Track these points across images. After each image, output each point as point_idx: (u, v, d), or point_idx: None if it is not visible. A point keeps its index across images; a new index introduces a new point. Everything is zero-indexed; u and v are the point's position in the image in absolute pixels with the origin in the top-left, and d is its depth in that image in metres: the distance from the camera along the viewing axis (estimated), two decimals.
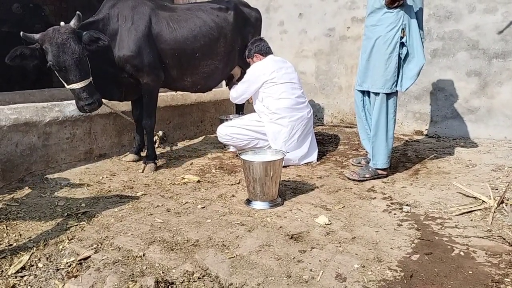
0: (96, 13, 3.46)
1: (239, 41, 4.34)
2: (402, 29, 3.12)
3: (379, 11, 3.19)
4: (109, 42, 3.24)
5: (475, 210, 2.69)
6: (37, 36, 3.00)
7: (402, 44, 3.15)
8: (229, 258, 2.10)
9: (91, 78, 3.18)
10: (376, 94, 3.30)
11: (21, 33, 2.97)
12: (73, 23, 3.11)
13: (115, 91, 3.68)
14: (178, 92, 4.60)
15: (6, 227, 2.50)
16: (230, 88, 4.47)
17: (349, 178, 3.39)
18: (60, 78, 3.14)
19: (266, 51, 4.04)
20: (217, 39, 4.04)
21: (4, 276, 2.00)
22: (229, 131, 3.97)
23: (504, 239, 2.29)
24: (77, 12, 3.18)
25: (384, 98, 3.26)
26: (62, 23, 3.12)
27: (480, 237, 2.33)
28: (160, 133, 4.52)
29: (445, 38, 4.92)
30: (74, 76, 3.07)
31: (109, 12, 3.44)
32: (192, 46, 3.83)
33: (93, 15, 3.46)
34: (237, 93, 4.08)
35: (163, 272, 1.98)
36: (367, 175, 3.37)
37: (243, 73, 4.59)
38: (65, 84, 3.14)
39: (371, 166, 3.41)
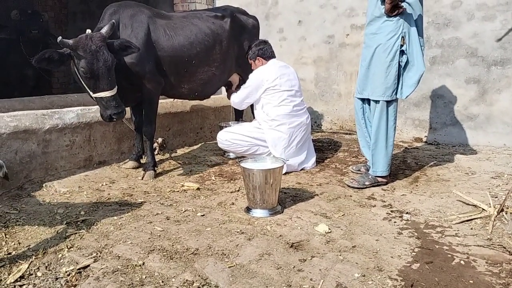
0: (100, 21, 3.48)
1: (235, 48, 4.35)
2: (402, 37, 3.13)
3: (379, 20, 3.20)
4: (139, 50, 3.25)
5: (475, 218, 2.68)
6: (70, 41, 3.00)
7: (402, 52, 3.16)
8: (229, 267, 2.10)
9: (117, 86, 3.19)
10: (376, 101, 3.30)
11: (59, 38, 2.98)
12: (105, 31, 3.12)
13: None
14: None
15: (5, 235, 2.49)
16: (228, 96, 4.47)
17: (349, 186, 3.39)
18: (85, 86, 3.13)
19: (269, 55, 4.04)
20: (212, 46, 4.05)
21: (3, 285, 1.98)
22: (229, 137, 3.97)
23: (504, 247, 2.28)
24: (113, 20, 3.22)
25: (384, 106, 3.27)
26: (88, 31, 3.12)
27: (481, 245, 2.32)
28: (160, 140, 4.52)
29: (444, 46, 4.94)
30: (106, 85, 3.07)
31: (111, 19, 3.46)
32: (188, 53, 3.84)
33: (96, 22, 3.49)
34: (239, 98, 4.08)
35: (162, 282, 1.98)
36: (367, 183, 3.37)
37: (241, 81, 4.60)
38: (91, 93, 3.13)
39: (371, 173, 3.41)
